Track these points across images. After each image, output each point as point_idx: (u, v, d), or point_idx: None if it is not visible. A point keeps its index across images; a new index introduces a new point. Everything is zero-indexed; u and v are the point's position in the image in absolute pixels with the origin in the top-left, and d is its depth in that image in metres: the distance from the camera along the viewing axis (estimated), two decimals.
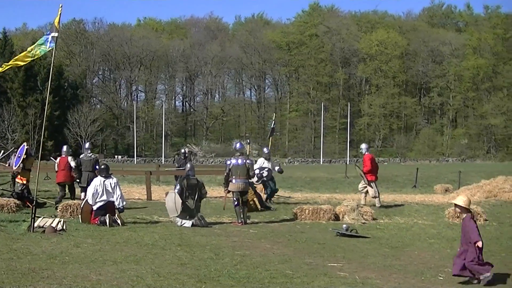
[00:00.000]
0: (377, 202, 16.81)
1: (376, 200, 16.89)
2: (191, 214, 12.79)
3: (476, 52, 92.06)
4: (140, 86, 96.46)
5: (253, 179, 15.20)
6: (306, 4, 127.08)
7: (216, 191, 20.98)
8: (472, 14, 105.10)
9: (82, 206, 12.99)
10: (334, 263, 8.89)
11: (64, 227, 11.54)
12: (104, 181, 12.84)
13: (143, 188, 20.86)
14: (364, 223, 13.65)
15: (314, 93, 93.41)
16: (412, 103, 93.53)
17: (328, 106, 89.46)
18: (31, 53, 11.72)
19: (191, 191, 12.97)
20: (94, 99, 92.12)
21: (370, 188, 16.86)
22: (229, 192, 13.97)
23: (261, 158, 18.04)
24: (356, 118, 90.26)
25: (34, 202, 11.94)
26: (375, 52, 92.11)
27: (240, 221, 13.30)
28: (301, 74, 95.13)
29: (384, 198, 19.22)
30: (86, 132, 69.87)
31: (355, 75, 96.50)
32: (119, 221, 12.49)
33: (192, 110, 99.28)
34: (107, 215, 12.41)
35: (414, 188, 25.17)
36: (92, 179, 13.55)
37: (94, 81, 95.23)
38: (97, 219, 12.51)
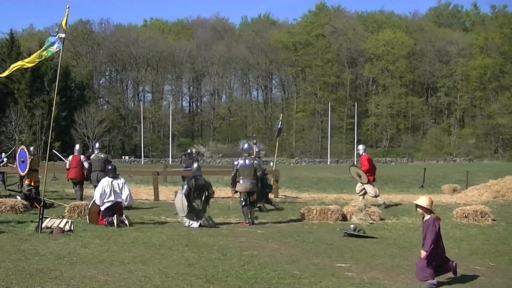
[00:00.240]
0: (379, 200, 16.85)
1: (377, 198, 16.92)
2: (198, 215, 12.81)
3: (483, 51, 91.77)
4: (147, 86, 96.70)
5: None
6: (313, 4, 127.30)
7: (223, 192, 21.01)
8: (479, 14, 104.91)
9: (89, 206, 13.02)
10: (341, 264, 8.86)
11: (72, 228, 11.56)
12: (112, 181, 12.86)
13: (151, 188, 20.88)
14: (371, 223, 13.63)
15: (321, 93, 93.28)
16: (419, 103, 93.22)
17: (335, 106, 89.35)
18: (39, 54, 11.79)
19: (199, 192, 13.00)
20: (101, 99, 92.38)
21: (369, 188, 16.86)
22: (236, 192, 14.00)
23: None
24: (363, 118, 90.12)
25: (42, 202, 11.99)
26: (381, 52, 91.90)
27: (247, 221, 13.31)
28: (307, 75, 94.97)
29: (391, 198, 19.21)
30: (93, 132, 70.04)
31: (361, 75, 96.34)
32: (126, 221, 12.50)
33: (199, 111, 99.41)
34: (115, 215, 12.44)
35: (421, 188, 25.08)
36: (101, 179, 13.62)
37: (101, 81, 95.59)
38: (104, 219, 12.52)
